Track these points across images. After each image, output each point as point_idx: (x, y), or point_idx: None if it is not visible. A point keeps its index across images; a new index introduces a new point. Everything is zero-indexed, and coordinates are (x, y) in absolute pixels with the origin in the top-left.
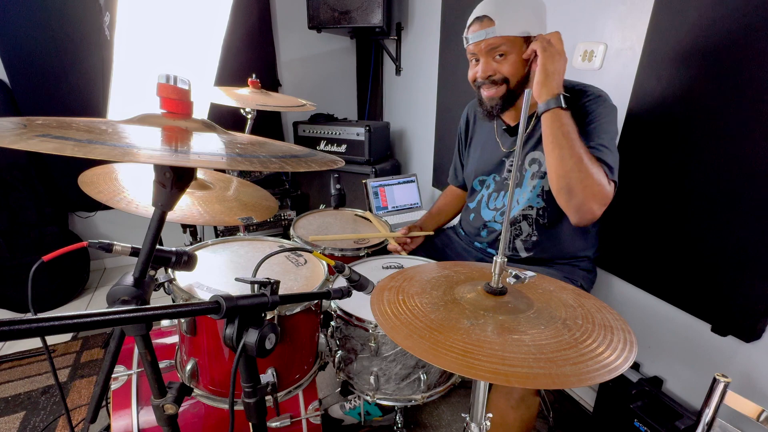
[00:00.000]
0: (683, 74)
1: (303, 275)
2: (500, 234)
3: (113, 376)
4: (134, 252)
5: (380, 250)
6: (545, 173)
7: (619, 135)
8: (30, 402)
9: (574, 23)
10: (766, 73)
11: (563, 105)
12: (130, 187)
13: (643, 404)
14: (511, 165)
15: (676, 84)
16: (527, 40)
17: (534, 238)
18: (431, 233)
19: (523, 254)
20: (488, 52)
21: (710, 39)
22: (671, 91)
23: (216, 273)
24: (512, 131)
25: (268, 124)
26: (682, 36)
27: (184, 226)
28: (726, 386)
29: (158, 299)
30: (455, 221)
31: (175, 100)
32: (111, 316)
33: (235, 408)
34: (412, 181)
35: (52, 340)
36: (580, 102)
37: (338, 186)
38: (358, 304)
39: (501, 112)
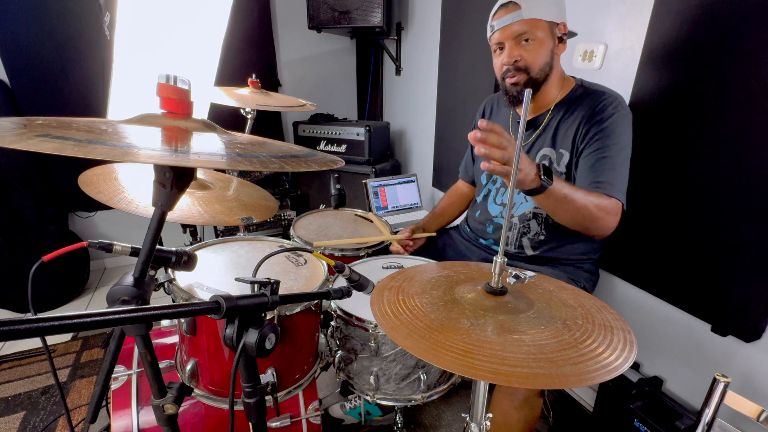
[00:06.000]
0: (683, 74)
1: (303, 275)
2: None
3: (113, 376)
4: (134, 252)
5: (380, 250)
6: (560, 173)
7: None
8: (30, 402)
9: (574, 23)
10: (765, 73)
11: (548, 183)
12: (130, 187)
13: (643, 404)
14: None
15: (676, 84)
16: (552, 26)
17: (541, 237)
18: (434, 234)
19: (529, 252)
20: (515, 37)
21: (710, 39)
22: (671, 92)
23: (216, 273)
24: (527, 125)
25: (268, 124)
26: (682, 36)
27: (184, 226)
28: (726, 386)
29: (158, 299)
30: (458, 221)
31: (175, 100)
32: (111, 316)
33: (235, 408)
34: (412, 181)
35: (52, 340)
36: (596, 109)
37: (338, 186)
38: (358, 304)
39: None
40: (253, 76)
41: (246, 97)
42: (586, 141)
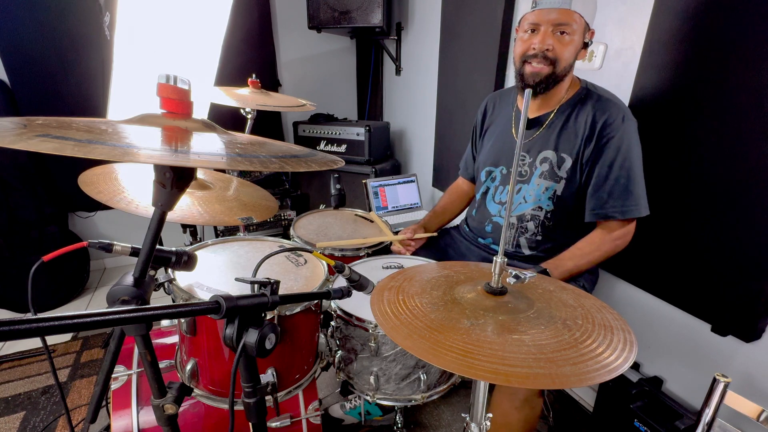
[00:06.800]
0: (683, 74)
1: (303, 275)
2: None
3: (113, 376)
4: (134, 252)
5: (380, 250)
6: (560, 177)
7: None
8: (30, 402)
9: None
10: (765, 74)
11: (548, 273)
12: (130, 187)
13: (643, 404)
14: (521, 159)
15: (676, 84)
16: (586, 29)
17: (538, 238)
18: (435, 234)
19: (527, 252)
20: (555, 25)
21: (710, 39)
22: (671, 91)
23: (216, 273)
24: (530, 123)
25: (268, 124)
26: (682, 36)
27: (184, 226)
28: (726, 386)
29: (158, 299)
30: (458, 220)
31: (175, 100)
32: (111, 316)
33: (235, 408)
34: (412, 181)
35: (52, 340)
36: (604, 124)
37: (338, 186)
38: (358, 304)
39: (544, 90)
40: (253, 76)
41: (246, 97)
42: (593, 159)
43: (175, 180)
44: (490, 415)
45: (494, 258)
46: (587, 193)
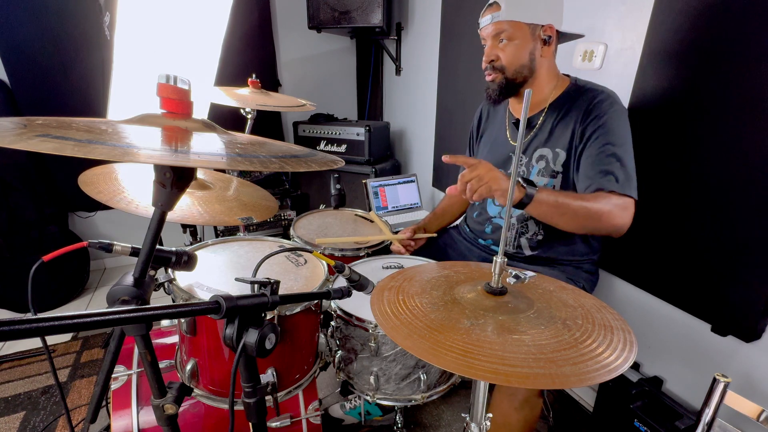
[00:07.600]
0: (683, 74)
1: (303, 275)
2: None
3: (113, 376)
4: (134, 252)
5: (381, 250)
6: (557, 172)
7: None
8: (30, 402)
9: (573, 23)
10: (765, 74)
11: (534, 192)
12: (130, 187)
13: (643, 404)
14: (519, 161)
15: (676, 84)
16: (534, 27)
17: (539, 237)
18: (434, 235)
19: (528, 252)
20: (493, 36)
21: (710, 39)
22: (671, 91)
23: (216, 273)
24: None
25: (268, 124)
26: (682, 36)
27: (184, 226)
28: (726, 386)
29: (158, 299)
30: (458, 220)
31: (175, 100)
32: (111, 316)
33: (235, 408)
34: (412, 181)
35: (52, 340)
36: (591, 107)
37: (338, 186)
38: (358, 304)
39: (499, 98)
40: (253, 76)
41: (246, 97)
42: (585, 141)
43: (175, 180)
44: (491, 415)
45: (494, 258)
46: (578, 175)
